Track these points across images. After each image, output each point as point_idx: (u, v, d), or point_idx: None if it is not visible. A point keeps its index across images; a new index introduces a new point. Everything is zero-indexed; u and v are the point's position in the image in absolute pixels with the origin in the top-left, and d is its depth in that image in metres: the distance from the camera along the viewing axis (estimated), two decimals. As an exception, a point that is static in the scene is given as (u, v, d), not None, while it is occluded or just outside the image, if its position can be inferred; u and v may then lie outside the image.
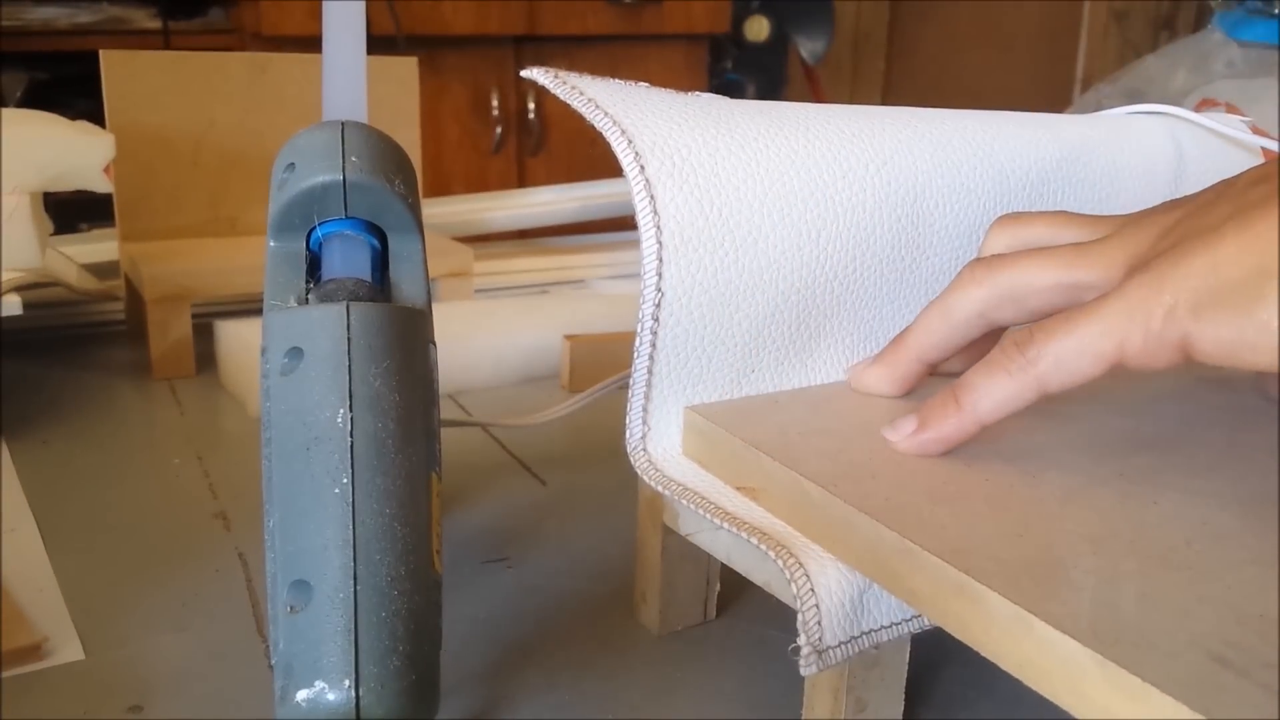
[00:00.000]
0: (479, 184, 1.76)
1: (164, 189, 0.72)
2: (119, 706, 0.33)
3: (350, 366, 0.27)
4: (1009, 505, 0.28)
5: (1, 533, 0.43)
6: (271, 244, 0.31)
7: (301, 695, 0.24)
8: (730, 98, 0.36)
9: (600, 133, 0.32)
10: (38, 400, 0.59)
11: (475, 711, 0.33)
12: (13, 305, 0.54)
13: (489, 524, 0.46)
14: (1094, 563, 0.25)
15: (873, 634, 0.28)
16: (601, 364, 0.61)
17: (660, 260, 0.31)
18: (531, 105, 1.81)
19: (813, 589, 0.27)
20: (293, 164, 0.31)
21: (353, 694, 0.24)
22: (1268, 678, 0.21)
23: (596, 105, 0.32)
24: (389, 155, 0.32)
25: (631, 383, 0.33)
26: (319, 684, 0.24)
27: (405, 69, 0.78)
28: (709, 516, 0.31)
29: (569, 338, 0.63)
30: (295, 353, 0.27)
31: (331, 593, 0.25)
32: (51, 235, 0.61)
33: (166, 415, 0.58)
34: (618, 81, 0.34)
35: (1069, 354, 0.28)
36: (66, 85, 1.55)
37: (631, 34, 1.84)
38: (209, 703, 0.33)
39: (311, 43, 0.43)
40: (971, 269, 0.33)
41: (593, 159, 1.76)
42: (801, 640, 0.27)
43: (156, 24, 1.60)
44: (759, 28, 1.98)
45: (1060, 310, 0.29)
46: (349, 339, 0.27)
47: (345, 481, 0.26)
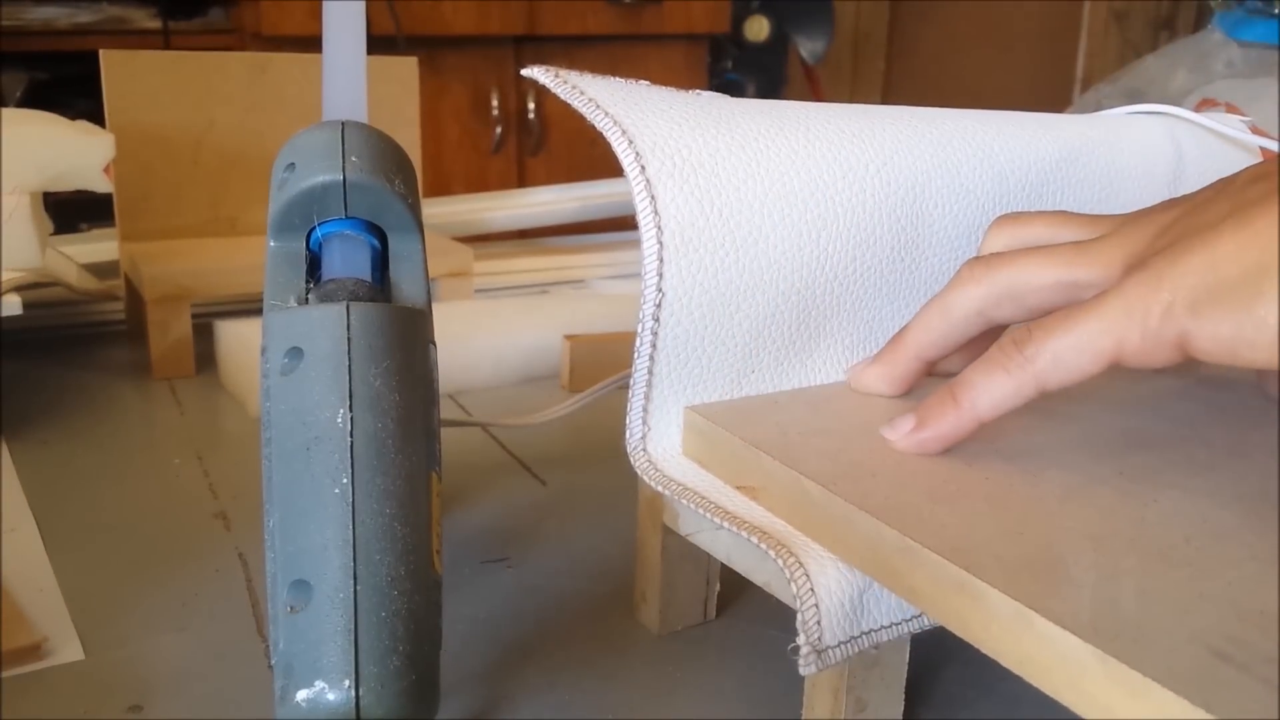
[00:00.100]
0: (479, 184, 1.76)
1: (164, 189, 0.72)
2: (119, 706, 0.33)
3: (350, 366, 0.27)
4: (1009, 503, 0.28)
5: (1, 533, 0.43)
6: (271, 244, 0.31)
7: (301, 695, 0.24)
8: (729, 96, 0.36)
9: (601, 132, 0.32)
10: (38, 400, 0.59)
11: (475, 711, 0.33)
12: (13, 305, 0.54)
13: (489, 524, 0.46)
14: (1094, 560, 0.25)
15: (872, 634, 0.28)
16: (601, 364, 0.61)
17: (661, 260, 0.31)
18: (531, 105, 1.81)
19: (812, 589, 0.27)
20: (293, 164, 0.31)
21: (353, 694, 0.24)
22: (1268, 673, 0.21)
23: (597, 105, 0.32)
24: (389, 155, 0.32)
25: (632, 383, 0.33)
26: (319, 684, 0.24)
27: (405, 69, 0.78)
28: (709, 516, 0.31)
29: (569, 338, 0.63)
30: (295, 353, 0.27)
31: (331, 593, 0.25)
32: (51, 235, 0.61)
33: (166, 415, 0.58)
34: (618, 80, 0.34)
35: (1067, 352, 0.28)
36: (66, 85, 1.55)
37: (631, 34, 1.84)
38: (209, 703, 0.33)
39: (311, 43, 0.43)
40: (970, 267, 0.33)
41: (593, 159, 1.76)
42: (801, 640, 0.27)
43: (156, 24, 1.60)
44: (759, 28, 1.98)
45: (1059, 308, 0.29)
46: (349, 339, 0.27)
47: (345, 481, 0.26)
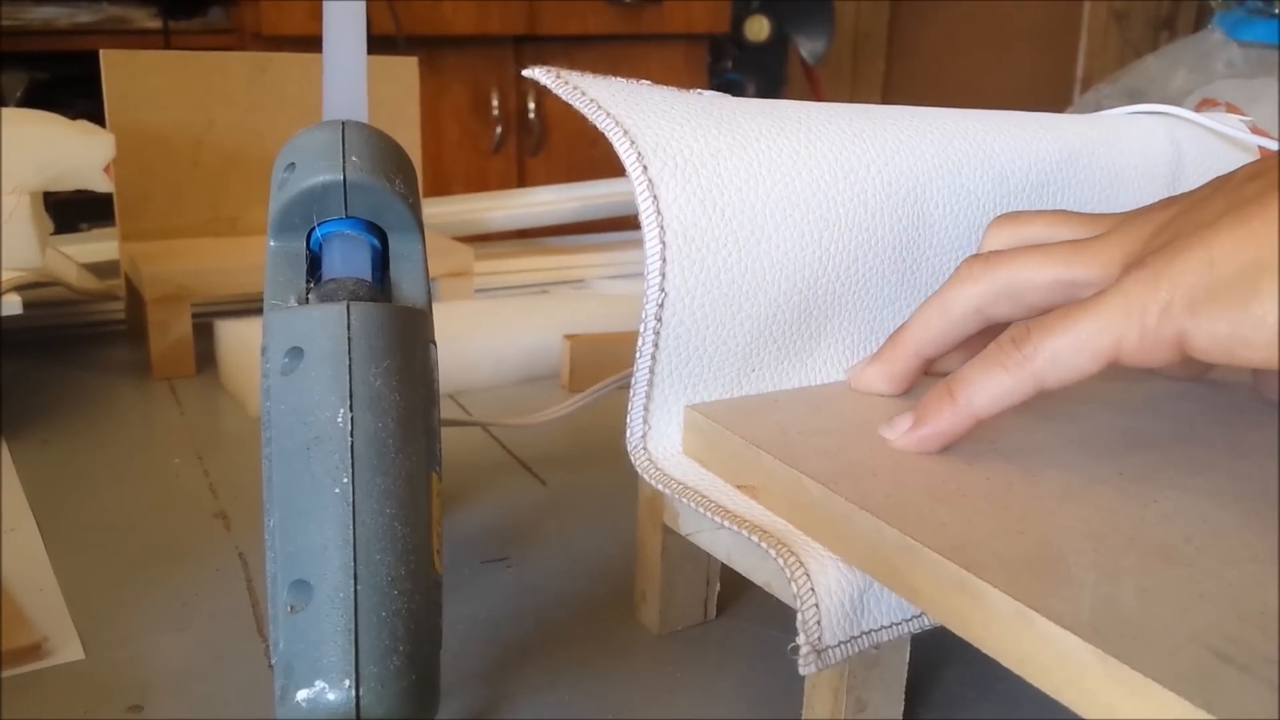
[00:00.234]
0: (479, 184, 1.76)
1: (164, 189, 0.72)
2: (119, 706, 0.33)
3: (350, 366, 0.27)
4: (1009, 503, 0.28)
5: (1, 533, 0.43)
6: (272, 244, 0.31)
7: (302, 695, 0.24)
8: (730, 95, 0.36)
9: (602, 133, 0.32)
10: (38, 400, 0.59)
11: (475, 711, 0.33)
12: (13, 305, 0.54)
13: (489, 524, 0.46)
14: (1094, 559, 0.25)
15: (873, 634, 0.28)
16: (601, 364, 0.61)
17: (664, 260, 0.31)
18: (531, 105, 1.81)
19: (813, 588, 0.27)
20: (293, 164, 0.31)
21: (353, 694, 0.24)
22: (1269, 673, 0.21)
23: (598, 105, 0.32)
24: (389, 155, 0.32)
25: (633, 382, 0.33)
26: (319, 684, 0.24)
27: (405, 69, 0.78)
28: (709, 515, 0.31)
29: (569, 338, 0.63)
30: (295, 352, 0.27)
31: (331, 592, 0.25)
32: (51, 235, 0.61)
33: (166, 415, 0.58)
34: (619, 80, 0.34)
35: (1066, 350, 0.28)
36: (66, 85, 1.55)
37: (631, 34, 1.84)
38: (209, 703, 0.33)
39: (311, 43, 0.43)
40: (969, 265, 0.33)
41: (593, 159, 1.76)
42: (801, 640, 0.27)
43: (156, 24, 1.60)
44: (759, 28, 1.98)
45: (1057, 307, 0.29)
46: (349, 339, 0.27)
47: (345, 481, 0.26)
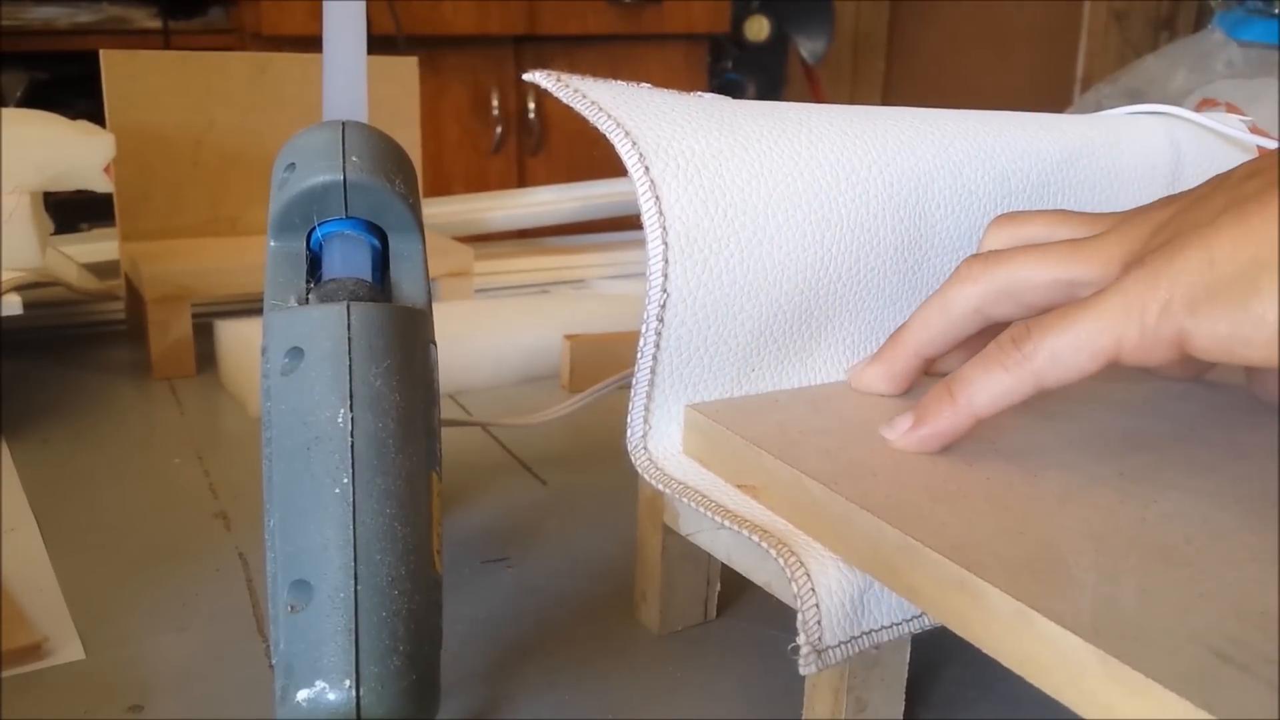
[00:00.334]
0: (479, 184, 1.76)
1: (164, 189, 0.72)
2: (119, 706, 0.33)
3: (351, 366, 0.27)
4: (1009, 503, 0.28)
5: (1, 533, 0.43)
6: (272, 244, 0.31)
7: (302, 695, 0.24)
8: (731, 98, 0.36)
9: (604, 135, 0.32)
10: (38, 400, 0.59)
11: (475, 711, 0.33)
12: (13, 305, 0.54)
13: (489, 524, 0.46)
14: (1095, 559, 0.25)
15: (873, 634, 0.28)
16: (601, 364, 0.61)
17: (666, 261, 0.31)
18: (531, 105, 1.81)
19: (813, 588, 0.27)
20: (293, 164, 0.31)
21: (353, 694, 0.24)
22: (1269, 673, 0.21)
23: (600, 108, 0.32)
24: (389, 155, 0.32)
25: (634, 382, 0.33)
26: (319, 684, 0.24)
27: (405, 69, 0.78)
28: (709, 514, 0.31)
29: (569, 338, 0.63)
30: (296, 352, 0.27)
31: (332, 592, 0.25)
32: (52, 235, 0.61)
33: (166, 415, 0.58)
34: (620, 83, 0.34)
35: (1065, 349, 0.28)
36: (66, 85, 1.55)
37: (631, 34, 1.84)
38: (209, 703, 0.33)
39: (311, 43, 0.43)
40: (969, 264, 0.33)
41: (593, 159, 1.76)
42: (801, 640, 0.27)
43: (156, 24, 1.60)
44: (759, 28, 1.98)
45: (1057, 306, 0.29)
46: (349, 339, 0.27)
47: (345, 481, 0.26)
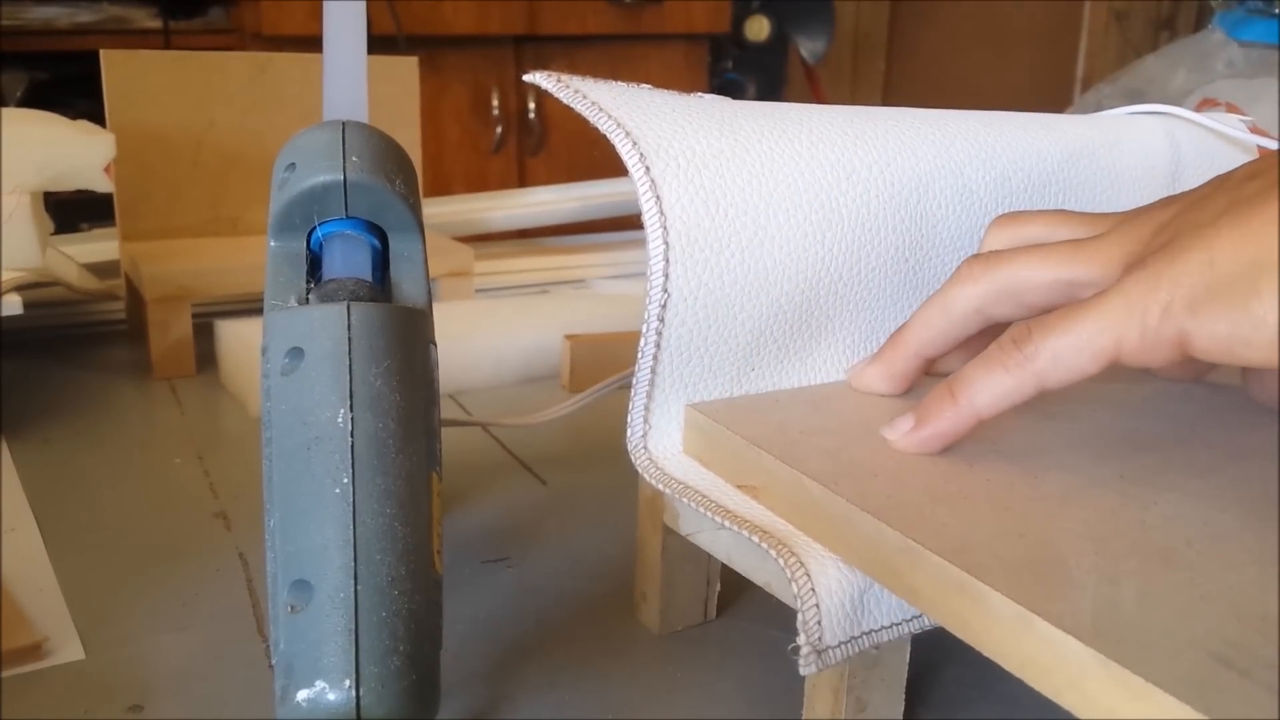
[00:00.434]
0: (479, 184, 1.75)
1: (164, 189, 0.72)
2: (119, 706, 0.33)
3: (351, 366, 0.27)
4: (1010, 504, 0.28)
5: (1, 533, 0.43)
6: (272, 244, 0.31)
7: (302, 695, 0.24)
8: (731, 98, 0.36)
9: (604, 135, 0.32)
10: (38, 400, 0.59)
11: (475, 711, 0.33)
12: (13, 305, 0.54)
13: (489, 524, 0.46)
14: (1095, 562, 0.25)
15: (873, 634, 0.28)
16: (601, 364, 0.61)
17: (667, 261, 0.31)
18: (531, 105, 1.81)
19: (813, 588, 0.27)
20: (293, 164, 0.31)
21: (353, 694, 0.24)
22: (1269, 677, 0.21)
23: (600, 109, 0.32)
24: (389, 155, 0.32)
25: (634, 382, 0.33)
26: (319, 684, 0.24)
27: (405, 69, 0.78)
28: (709, 514, 0.31)
29: (569, 338, 0.63)
30: (296, 352, 0.27)
31: (332, 592, 0.25)
32: (52, 235, 0.61)
33: (167, 415, 0.58)
34: (620, 84, 0.34)
35: (1067, 350, 0.28)
36: (66, 85, 1.55)
37: (632, 34, 1.84)
38: (209, 703, 0.33)
39: (311, 43, 0.43)
40: (969, 265, 0.33)
41: (593, 159, 1.76)
42: (801, 640, 0.27)
43: (156, 24, 1.60)
44: (759, 28, 1.98)
45: (1057, 307, 0.29)
46: (349, 339, 0.27)
47: (346, 481, 0.26)
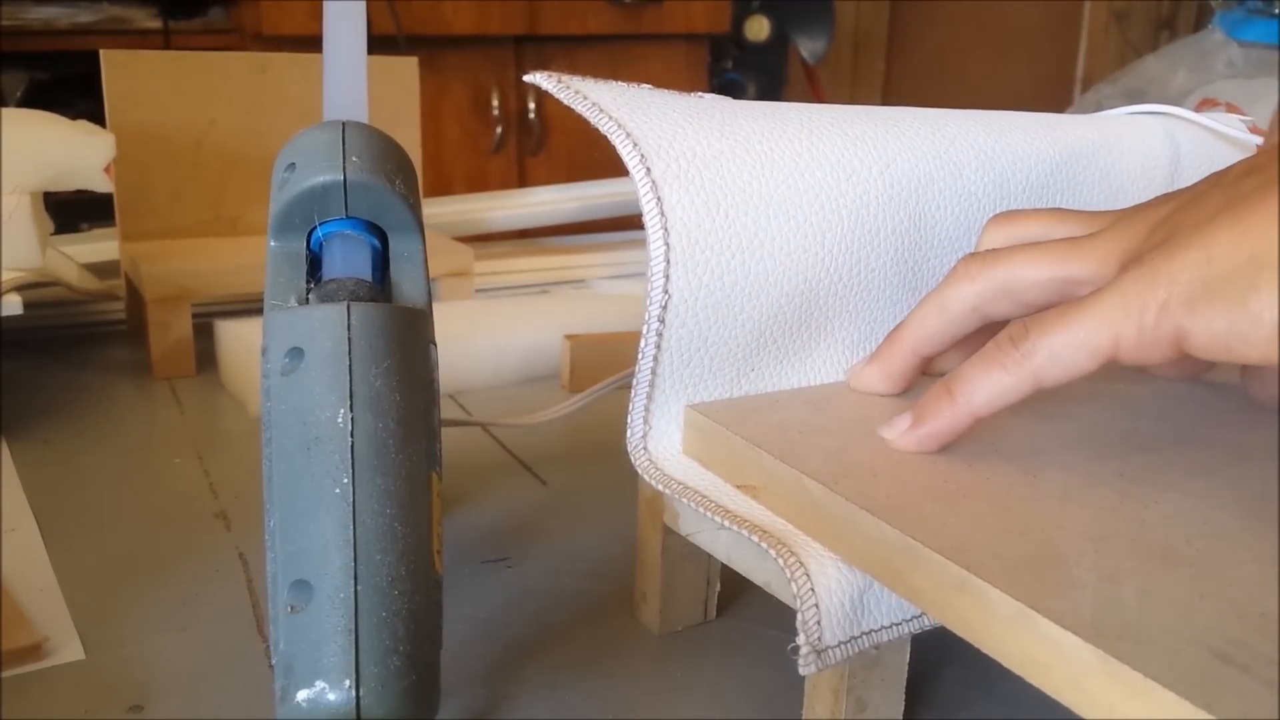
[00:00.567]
0: (479, 184, 1.76)
1: (164, 189, 0.72)
2: (119, 706, 0.33)
3: (351, 366, 0.27)
4: (1010, 504, 0.28)
5: (1, 533, 0.43)
6: (272, 244, 0.31)
7: (302, 695, 0.24)
8: (731, 98, 0.36)
9: (605, 136, 0.32)
10: (38, 400, 0.59)
11: (475, 711, 0.33)
12: (13, 305, 0.54)
13: (489, 524, 0.46)
14: (1095, 560, 0.25)
15: (873, 634, 0.28)
16: (602, 364, 0.61)
17: (668, 262, 0.31)
18: (531, 105, 1.81)
19: (813, 588, 0.27)
20: (293, 164, 0.31)
21: (353, 694, 0.24)
22: (1269, 674, 0.21)
23: (600, 109, 0.32)
24: (389, 155, 0.32)
25: (635, 382, 0.33)
26: (319, 684, 0.24)
27: (405, 69, 0.78)
28: (709, 515, 0.31)
29: (569, 338, 0.63)
30: (296, 353, 0.27)
31: (332, 593, 0.25)
32: (52, 235, 0.61)
33: (167, 415, 0.58)
34: (621, 84, 0.34)
35: (1064, 348, 0.28)
36: (66, 85, 1.55)
37: (632, 34, 1.84)
38: (209, 703, 0.33)
39: (311, 43, 0.43)
40: (966, 263, 0.33)
41: (593, 159, 1.76)
42: (801, 640, 0.27)
43: (156, 24, 1.60)
44: (759, 28, 1.98)
45: (1055, 305, 0.29)
46: (349, 339, 0.27)
47: (346, 481, 0.26)
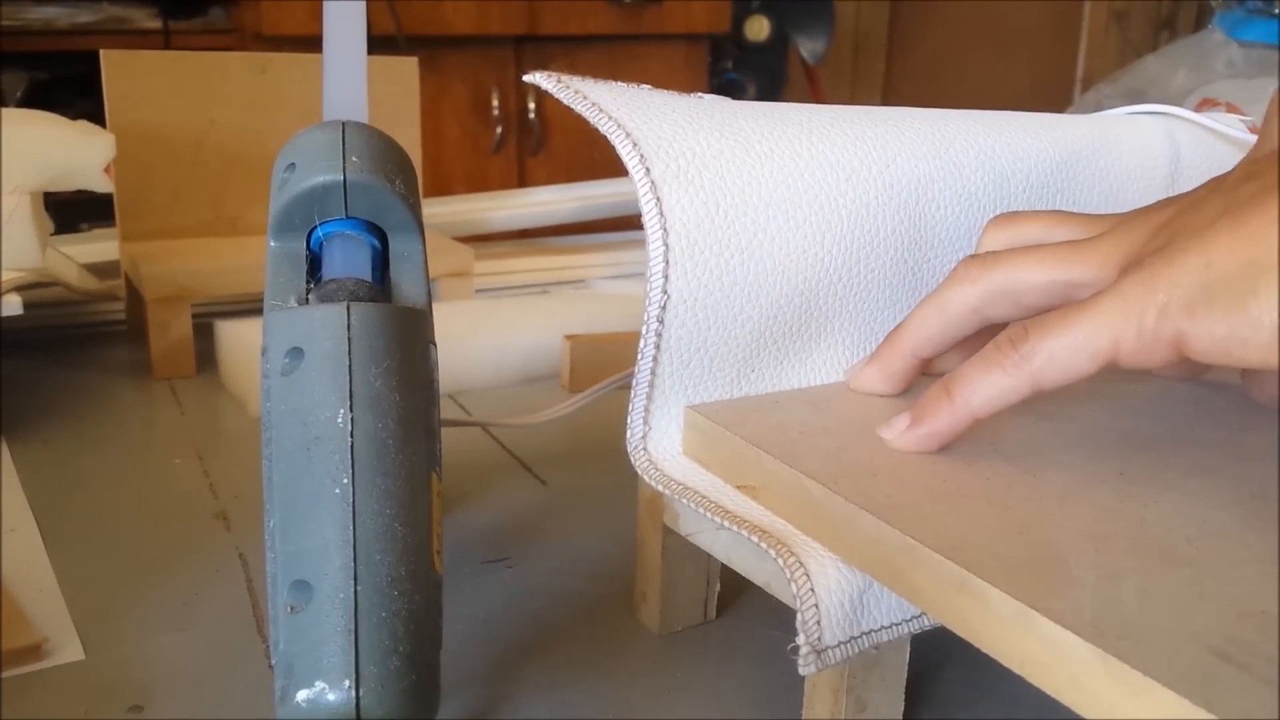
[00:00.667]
0: (479, 184, 1.76)
1: (164, 189, 0.72)
2: (119, 706, 0.33)
3: (350, 366, 0.27)
4: (1009, 503, 0.28)
5: (1, 533, 0.43)
6: (272, 244, 0.31)
7: (302, 695, 0.24)
8: (731, 98, 0.36)
9: (605, 136, 0.32)
10: (38, 400, 0.59)
11: (475, 711, 0.33)
12: (13, 305, 0.54)
13: (489, 524, 0.46)
14: (1095, 560, 0.25)
15: (873, 634, 0.28)
16: (602, 364, 0.61)
17: (667, 263, 0.31)
18: (531, 105, 1.81)
19: (812, 588, 0.27)
20: (293, 164, 0.31)
21: (353, 694, 0.24)
22: (1269, 672, 0.21)
23: (600, 109, 0.32)
24: (389, 155, 0.32)
25: (634, 383, 0.33)
26: (319, 684, 0.24)
27: (405, 69, 0.78)
28: (709, 515, 0.31)
29: (569, 338, 0.63)
30: (296, 353, 0.27)
31: (332, 593, 0.25)
32: (52, 235, 0.61)
33: (166, 415, 0.58)
34: (620, 85, 0.34)
35: (1063, 351, 0.28)
36: (66, 85, 1.55)
37: (632, 34, 1.84)
38: (209, 703, 0.33)
39: (311, 43, 0.43)
40: (966, 265, 0.33)
41: (593, 159, 1.76)
42: (801, 640, 0.27)
43: (156, 24, 1.60)
44: (759, 28, 1.98)
45: (1055, 307, 0.29)
46: (349, 339, 0.27)
47: (345, 481, 0.26)
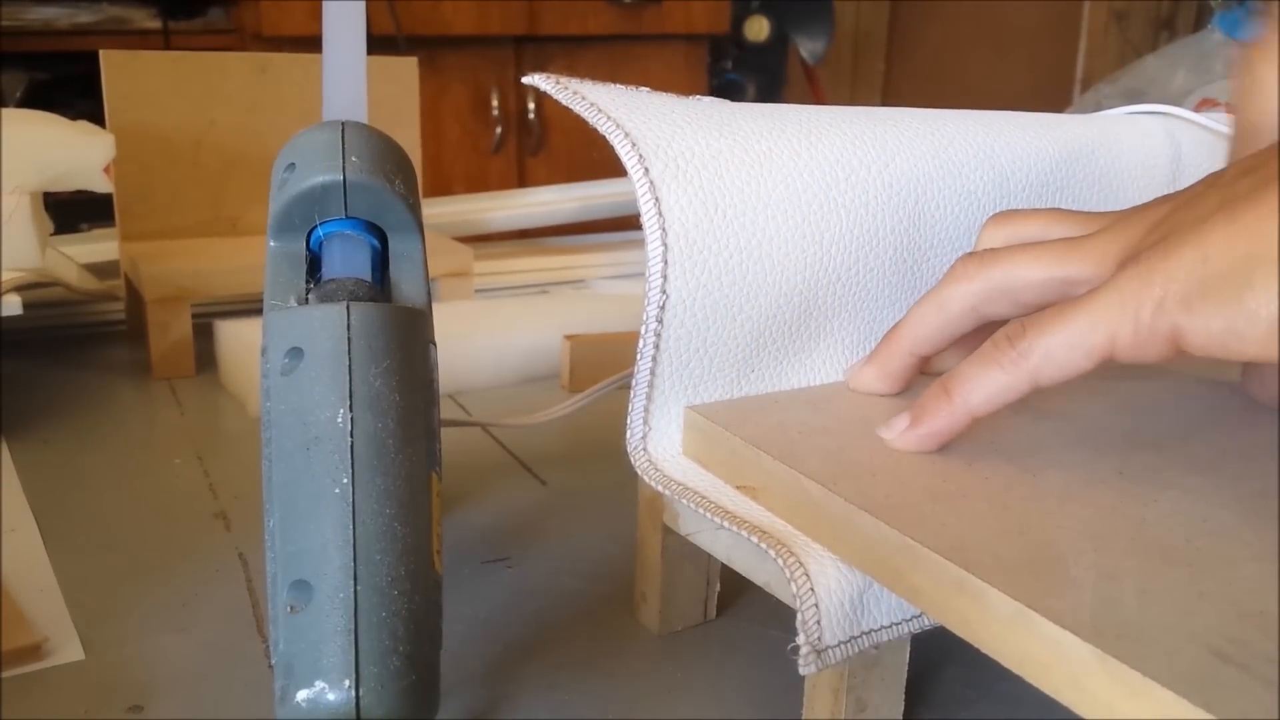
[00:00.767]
0: (479, 184, 1.76)
1: (164, 189, 0.72)
2: (119, 706, 0.33)
3: (350, 366, 0.27)
4: (1009, 503, 0.28)
5: (1, 533, 0.43)
6: (272, 244, 0.31)
7: (302, 695, 0.24)
8: (730, 98, 0.36)
9: (604, 137, 0.32)
10: (38, 400, 0.59)
11: (475, 711, 0.33)
12: (13, 305, 0.54)
13: (489, 524, 0.46)
14: (1094, 559, 0.25)
15: (873, 634, 0.28)
16: (601, 364, 0.61)
17: (666, 263, 0.31)
18: (531, 105, 1.81)
19: (812, 588, 0.27)
20: (293, 164, 0.31)
21: (353, 694, 0.24)
22: (1269, 672, 0.21)
23: (599, 110, 0.32)
24: (389, 155, 0.32)
25: (634, 383, 0.33)
26: (319, 684, 0.24)
27: (405, 69, 0.78)
28: (709, 515, 0.31)
29: (569, 338, 0.63)
30: (295, 353, 0.27)
31: (332, 593, 0.25)
32: (51, 235, 0.61)
33: (166, 415, 0.58)
34: (619, 86, 0.34)
35: (1060, 347, 0.28)
36: (66, 85, 1.55)
37: (631, 34, 1.84)
38: (209, 703, 0.33)
39: (311, 43, 0.43)
40: (964, 263, 0.33)
41: (593, 159, 1.76)
42: (801, 640, 0.27)
43: (156, 24, 1.60)
44: (759, 28, 1.98)
45: (1052, 304, 0.29)
46: (349, 339, 0.27)
47: (345, 481, 0.26)
